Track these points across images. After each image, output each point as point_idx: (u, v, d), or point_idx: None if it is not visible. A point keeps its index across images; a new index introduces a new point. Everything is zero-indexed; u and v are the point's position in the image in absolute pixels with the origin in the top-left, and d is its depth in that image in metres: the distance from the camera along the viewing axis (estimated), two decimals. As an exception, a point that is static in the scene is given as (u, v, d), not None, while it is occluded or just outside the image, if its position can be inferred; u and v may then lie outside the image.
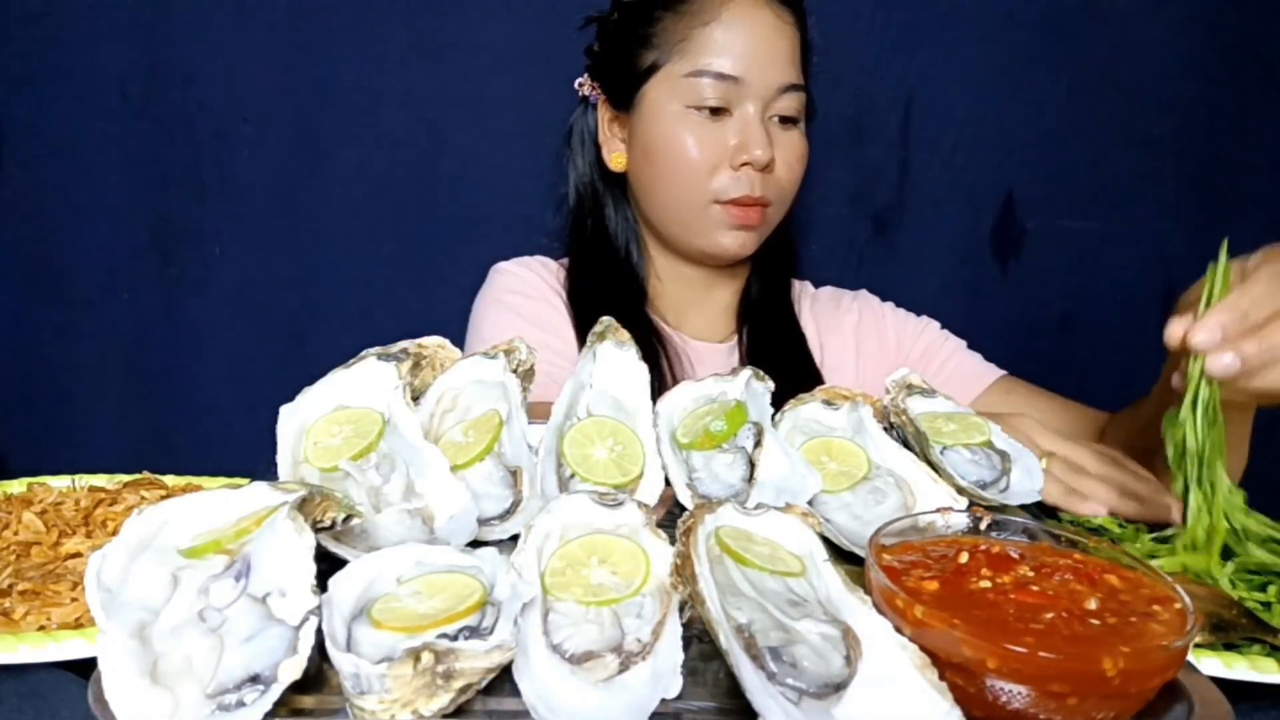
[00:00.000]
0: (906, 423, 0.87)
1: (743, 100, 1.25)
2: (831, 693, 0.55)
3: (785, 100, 1.27)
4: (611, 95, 1.35)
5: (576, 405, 0.86)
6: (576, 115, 1.43)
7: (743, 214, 1.28)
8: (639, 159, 1.33)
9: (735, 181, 1.26)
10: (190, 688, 0.52)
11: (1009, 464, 0.86)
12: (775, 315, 1.42)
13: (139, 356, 1.71)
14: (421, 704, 0.52)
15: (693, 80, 1.25)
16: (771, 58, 1.25)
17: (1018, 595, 0.59)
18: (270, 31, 1.63)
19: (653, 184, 1.32)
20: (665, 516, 0.77)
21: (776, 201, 1.31)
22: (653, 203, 1.34)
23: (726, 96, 1.24)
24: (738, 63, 1.24)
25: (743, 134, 1.25)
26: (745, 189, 1.26)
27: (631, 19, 1.31)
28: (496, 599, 0.58)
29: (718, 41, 1.24)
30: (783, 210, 1.35)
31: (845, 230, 1.75)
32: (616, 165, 1.37)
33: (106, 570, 0.56)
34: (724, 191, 1.27)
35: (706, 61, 1.24)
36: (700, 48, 1.25)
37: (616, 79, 1.33)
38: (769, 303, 1.43)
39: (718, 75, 1.24)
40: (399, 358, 0.83)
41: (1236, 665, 0.74)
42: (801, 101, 1.30)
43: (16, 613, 0.77)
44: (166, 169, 1.66)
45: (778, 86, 1.26)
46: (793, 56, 1.28)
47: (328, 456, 0.76)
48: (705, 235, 1.31)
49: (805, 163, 1.33)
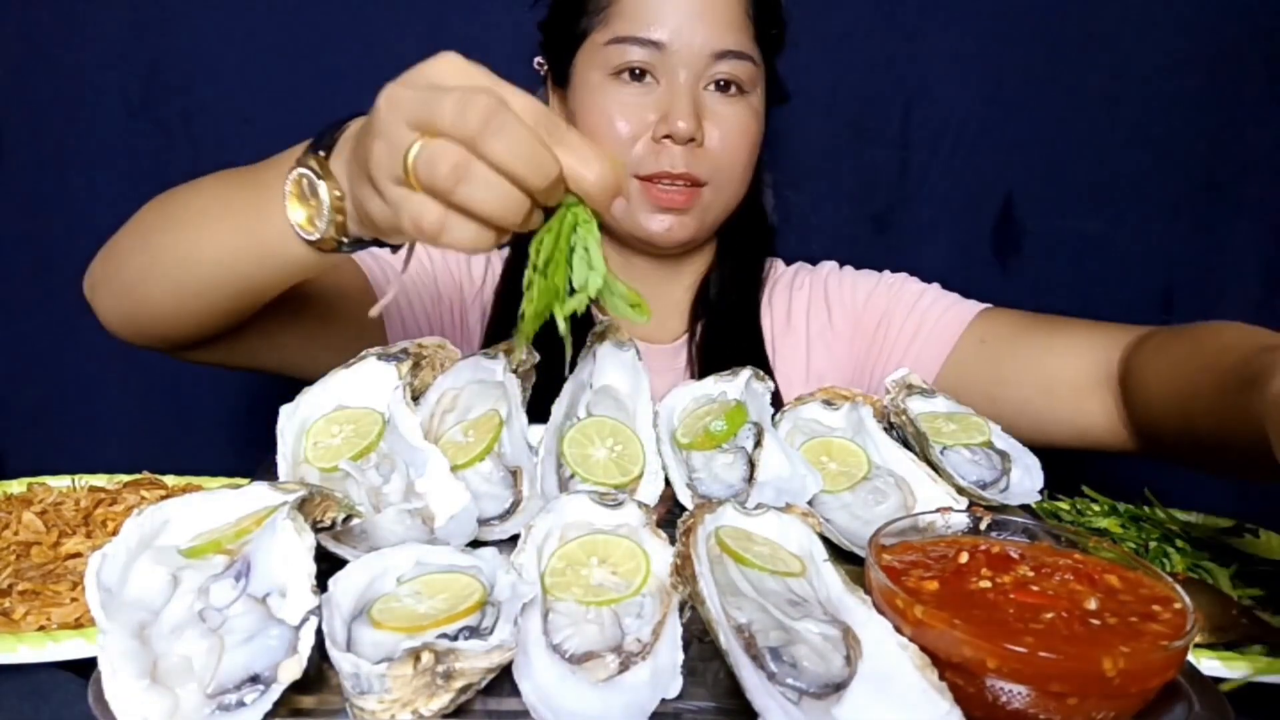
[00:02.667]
0: (906, 423, 0.87)
1: (671, 68, 1.13)
2: (831, 693, 0.55)
3: (722, 67, 1.14)
4: (554, 70, 1.25)
5: (576, 405, 0.86)
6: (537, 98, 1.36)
7: (665, 195, 1.15)
8: None
9: (655, 155, 1.14)
10: (190, 688, 0.52)
11: (1009, 464, 0.86)
12: (732, 313, 1.28)
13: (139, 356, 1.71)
14: (421, 704, 0.52)
15: (615, 47, 1.14)
16: (701, 21, 1.13)
17: (1018, 595, 0.59)
18: (270, 31, 1.63)
19: None
20: (665, 516, 0.77)
21: (713, 181, 1.17)
22: None
23: (650, 63, 1.13)
24: (661, 27, 1.12)
25: (665, 104, 1.13)
26: (665, 164, 1.13)
27: None
28: (496, 599, 0.58)
29: (640, 5, 1.13)
30: (727, 191, 1.20)
31: (845, 230, 1.75)
32: None
33: (106, 570, 0.56)
34: (641, 166, 1.14)
35: (628, 27, 1.13)
36: (622, 12, 1.14)
37: (556, 53, 1.24)
38: (727, 299, 1.29)
39: (638, 41, 1.12)
40: (399, 358, 0.83)
41: (1236, 665, 0.74)
42: (749, 72, 1.16)
43: (16, 613, 0.77)
44: (166, 169, 1.66)
45: (710, 52, 1.13)
46: (732, 21, 1.15)
47: (328, 456, 0.76)
48: (630, 219, 1.18)
49: (751, 138, 1.19)
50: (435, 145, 0.61)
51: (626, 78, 1.14)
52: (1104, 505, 1.09)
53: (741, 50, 1.15)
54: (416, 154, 0.61)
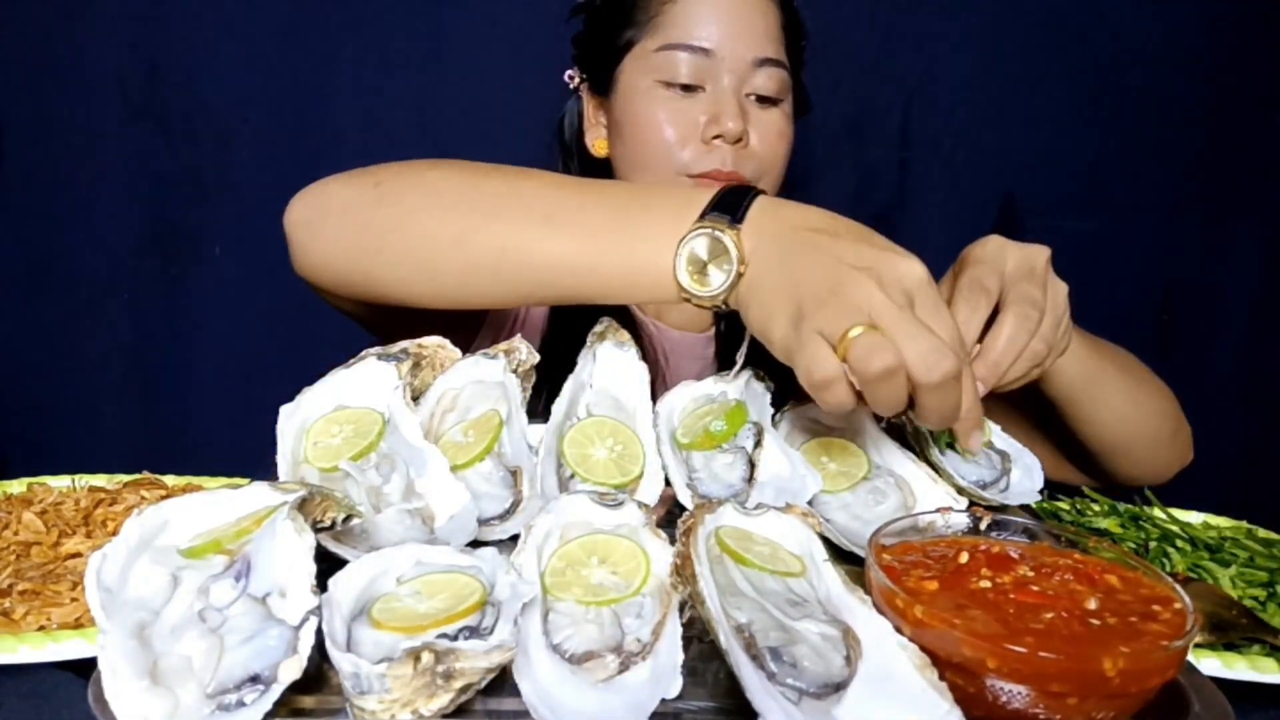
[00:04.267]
0: (906, 423, 0.87)
1: (716, 75, 1.20)
2: (831, 693, 0.55)
3: (762, 76, 1.21)
4: (593, 81, 1.32)
5: (576, 405, 0.86)
6: (566, 108, 1.40)
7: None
8: (615, 141, 1.30)
9: (706, 155, 1.20)
10: (190, 688, 0.52)
11: (1009, 464, 0.86)
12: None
13: (139, 357, 1.71)
14: (421, 704, 0.52)
15: (663, 55, 1.21)
16: (744, 30, 1.20)
17: (1018, 595, 0.59)
18: (270, 31, 1.63)
19: (627, 163, 1.28)
20: (665, 516, 0.77)
21: (754, 179, 1.24)
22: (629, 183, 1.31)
23: (698, 71, 1.20)
24: (708, 35, 1.19)
25: (714, 107, 1.20)
26: (716, 163, 1.20)
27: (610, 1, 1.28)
28: (496, 599, 0.58)
29: (688, 14, 1.20)
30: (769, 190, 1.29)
31: (845, 230, 1.75)
32: (599, 150, 1.33)
33: (106, 570, 0.56)
34: (693, 165, 1.21)
35: (677, 35, 1.20)
36: (671, 21, 1.21)
37: (597, 63, 1.30)
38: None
39: (687, 48, 1.19)
40: (399, 358, 0.83)
41: (1236, 665, 0.74)
42: (782, 80, 1.24)
43: (16, 613, 0.76)
44: (166, 169, 1.66)
45: (751, 60, 1.20)
46: (770, 32, 1.22)
47: (328, 456, 0.76)
48: None
49: (788, 143, 1.27)
50: (881, 342, 0.65)
51: (677, 89, 1.21)
52: (1104, 505, 1.09)
53: (779, 59, 1.23)
54: (859, 335, 0.66)
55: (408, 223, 0.92)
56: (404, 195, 0.93)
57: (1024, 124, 1.71)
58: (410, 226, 0.91)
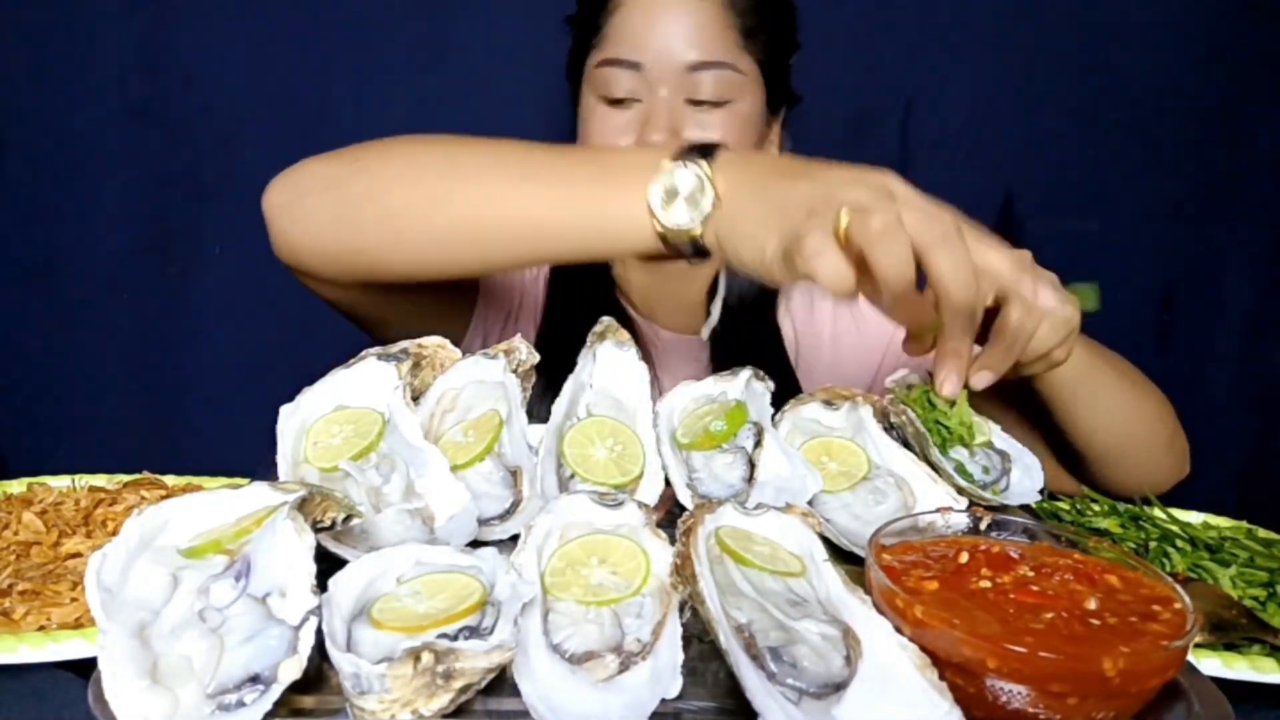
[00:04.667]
0: (906, 423, 0.87)
1: (651, 86, 1.18)
2: (831, 693, 0.55)
3: (700, 80, 1.18)
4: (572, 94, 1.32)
5: (576, 405, 0.86)
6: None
7: None
8: None
9: None
10: (190, 688, 0.52)
11: (1009, 464, 0.86)
12: (746, 311, 1.33)
13: (139, 356, 1.71)
14: (421, 704, 0.52)
15: (600, 71, 1.20)
16: (675, 38, 1.17)
17: (1018, 595, 0.59)
18: (270, 31, 1.64)
19: None
20: (665, 516, 0.77)
21: None
22: None
23: (632, 85, 1.18)
24: (637, 48, 1.17)
25: (643, 120, 1.18)
26: None
27: (577, 16, 1.28)
28: (496, 599, 0.58)
29: (620, 29, 1.19)
30: None
31: (845, 230, 1.75)
32: None
33: (106, 570, 0.56)
34: None
35: (611, 50, 1.19)
36: (607, 37, 1.20)
37: (571, 80, 1.31)
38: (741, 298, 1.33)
39: (618, 63, 1.18)
40: (399, 358, 0.83)
41: (1236, 665, 0.74)
42: (727, 81, 1.19)
43: (16, 613, 0.76)
44: (166, 169, 1.66)
45: (684, 65, 1.17)
46: (705, 35, 1.18)
47: (328, 456, 0.76)
48: None
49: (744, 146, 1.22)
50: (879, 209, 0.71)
51: (614, 103, 1.20)
52: (1104, 505, 1.09)
53: (720, 60, 1.19)
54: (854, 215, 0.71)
55: (385, 191, 0.93)
56: (382, 166, 0.95)
57: (1024, 124, 1.71)
58: (387, 195, 0.92)
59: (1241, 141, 1.71)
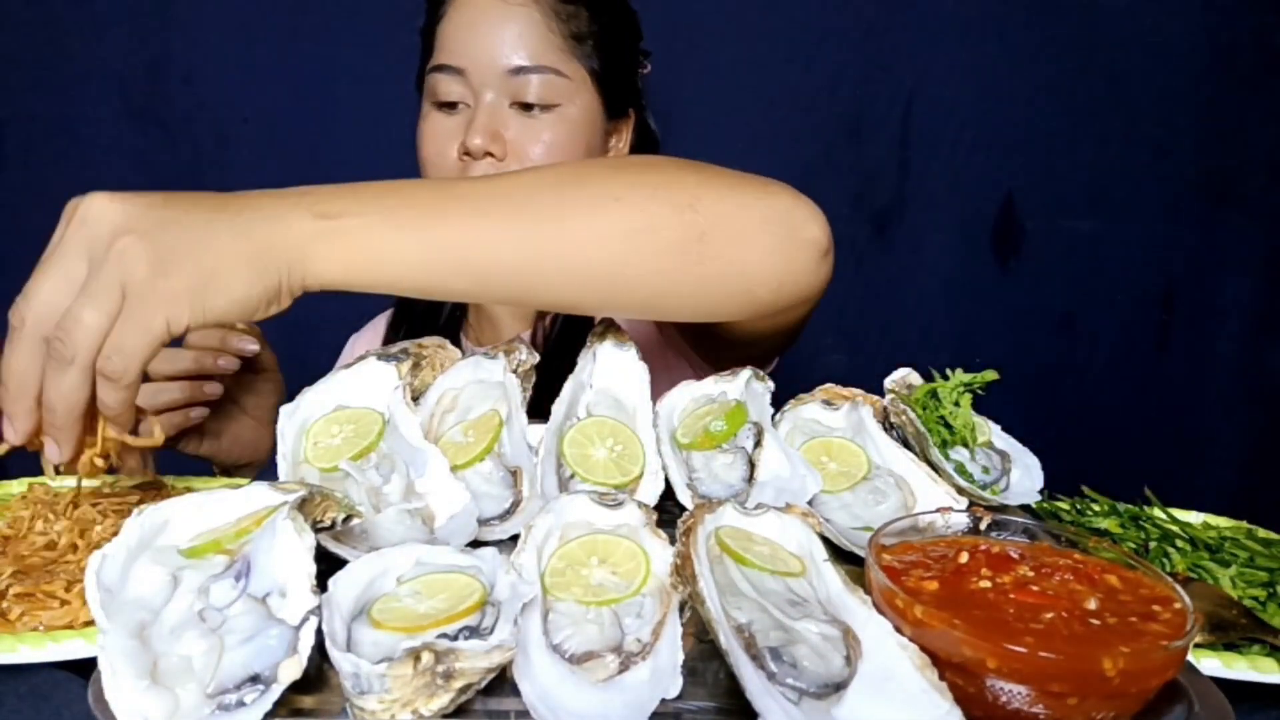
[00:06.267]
0: (906, 423, 0.87)
1: (476, 91, 1.20)
2: (831, 693, 0.55)
3: (521, 84, 1.20)
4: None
5: (576, 405, 0.86)
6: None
7: None
8: None
9: (463, 173, 1.21)
10: (190, 688, 0.52)
11: (1009, 464, 0.86)
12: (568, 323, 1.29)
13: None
14: (421, 704, 0.52)
15: (430, 78, 1.23)
16: (496, 42, 1.19)
17: (1018, 595, 0.59)
18: (270, 31, 1.64)
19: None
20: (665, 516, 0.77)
21: None
22: None
23: (456, 90, 1.21)
24: (459, 54, 1.20)
25: (465, 125, 1.21)
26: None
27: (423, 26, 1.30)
28: (496, 599, 0.58)
29: (445, 36, 1.22)
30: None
31: (845, 230, 1.75)
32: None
33: (106, 570, 0.56)
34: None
35: (438, 57, 1.22)
36: (436, 44, 1.23)
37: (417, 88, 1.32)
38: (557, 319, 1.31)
39: (443, 69, 1.21)
40: (399, 358, 0.83)
41: (1236, 665, 0.74)
42: (550, 84, 1.21)
43: (13, 613, 0.76)
44: (166, 169, 1.66)
45: (503, 70, 1.19)
46: (526, 37, 1.20)
47: (328, 456, 0.76)
48: None
49: (559, 150, 1.22)
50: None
51: (444, 108, 1.23)
52: (1104, 505, 1.09)
53: (540, 64, 1.20)
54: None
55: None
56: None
57: (1024, 124, 1.71)
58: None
59: (1241, 141, 1.71)
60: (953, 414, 0.86)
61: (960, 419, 0.86)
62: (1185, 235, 1.72)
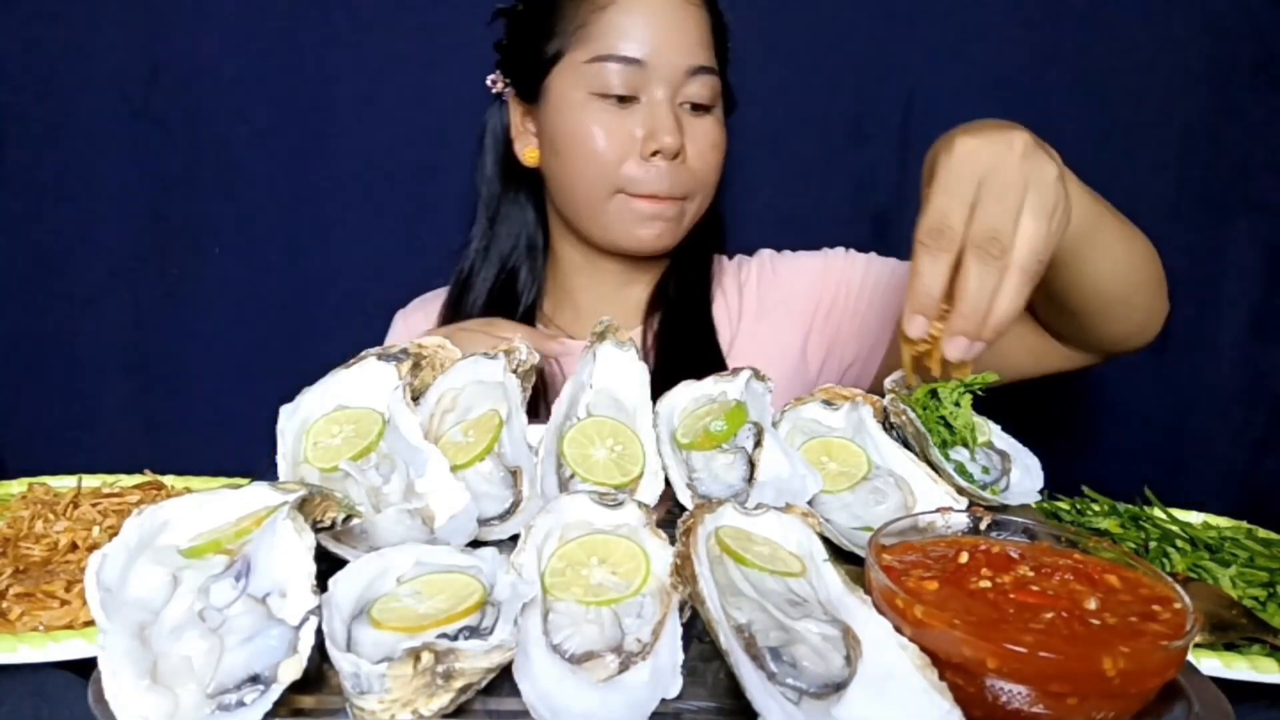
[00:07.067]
0: (906, 423, 0.87)
1: (649, 86, 1.20)
2: (831, 693, 0.55)
3: (695, 84, 1.21)
4: (520, 88, 1.31)
5: (576, 405, 0.86)
6: (489, 113, 1.39)
7: (655, 206, 1.23)
8: (548, 151, 1.29)
9: (645, 173, 1.21)
10: (190, 688, 0.52)
11: (1009, 464, 0.86)
12: (687, 307, 1.34)
13: (139, 357, 1.71)
14: (421, 704, 0.52)
15: (595, 66, 1.19)
16: (676, 39, 1.20)
17: (1018, 595, 0.59)
18: (270, 32, 1.63)
19: (562, 177, 1.28)
20: (665, 516, 0.77)
21: (691, 194, 1.26)
22: (563, 196, 1.30)
23: (632, 82, 1.19)
24: (640, 45, 1.19)
25: (650, 121, 1.20)
26: (655, 183, 1.21)
27: (533, 8, 1.27)
28: (496, 599, 0.58)
29: (617, 25, 1.19)
30: (703, 202, 1.30)
31: (845, 230, 1.74)
32: (529, 160, 1.33)
33: (106, 570, 0.56)
34: (633, 183, 1.22)
35: (608, 46, 1.19)
36: (600, 33, 1.20)
37: (524, 71, 1.29)
38: (684, 295, 1.35)
39: (620, 59, 1.19)
40: (399, 358, 0.83)
41: (1236, 665, 0.74)
42: (714, 87, 1.24)
43: (13, 613, 0.76)
44: (166, 169, 1.66)
45: (685, 69, 1.20)
46: (701, 38, 1.22)
47: (328, 456, 0.76)
48: (618, 227, 1.26)
49: (721, 152, 1.28)
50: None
51: (613, 100, 1.20)
52: (1104, 505, 1.09)
53: (711, 66, 1.23)
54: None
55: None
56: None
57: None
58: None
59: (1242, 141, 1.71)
60: (953, 414, 0.86)
61: (960, 419, 0.86)
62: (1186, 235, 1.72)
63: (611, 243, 1.28)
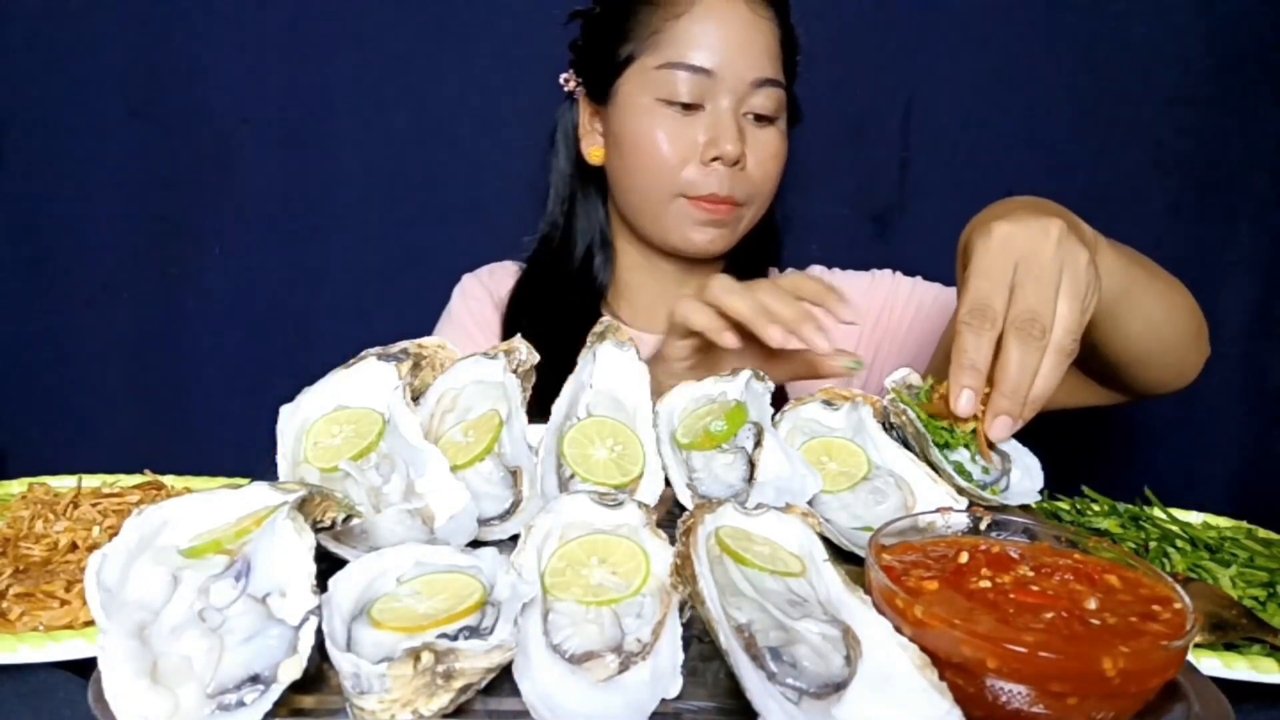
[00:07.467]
0: (906, 423, 0.87)
1: (715, 95, 1.24)
2: (831, 693, 0.55)
3: (760, 96, 1.25)
4: (591, 89, 1.35)
5: (576, 405, 0.86)
6: (561, 111, 1.43)
7: (712, 210, 1.28)
8: (613, 152, 1.33)
9: (704, 177, 1.25)
10: (190, 688, 0.52)
11: (1009, 464, 0.86)
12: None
13: (139, 356, 1.71)
14: (421, 704, 0.52)
15: (664, 73, 1.24)
16: (745, 51, 1.24)
17: (1018, 595, 0.59)
18: (270, 31, 1.63)
19: (624, 177, 1.32)
20: (665, 516, 0.77)
21: (748, 200, 1.30)
22: (624, 196, 1.35)
23: (698, 90, 1.23)
24: (709, 55, 1.22)
25: (713, 128, 1.24)
26: (714, 186, 1.25)
27: (609, 12, 1.31)
28: (496, 599, 0.58)
29: (689, 34, 1.23)
30: (759, 209, 1.34)
31: (845, 230, 1.75)
32: (594, 159, 1.37)
33: (106, 570, 0.56)
34: (692, 186, 1.26)
35: (678, 54, 1.23)
36: (672, 40, 1.24)
37: (595, 72, 1.33)
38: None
39: (689, 68, 1.23)
40: (399, 358, 0.83)
41: (1236, 665, 0.74)
42: (779, 99, 1.28)
43: (13, 614, 0.76)
44: (166, 169, 1.66)
45: (751, 80, 1.24)
46: (769, 51, 1.26)
47: (328, 456, 0.76)
48: (676, 230, 1.31)
49: (781, 162, 1.32)
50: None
51: (678, 107, 1.24)
52: (1104, 505, 1.09)
53: (776, 78, 1.27)
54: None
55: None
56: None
57: (1024, 124, 1.71)
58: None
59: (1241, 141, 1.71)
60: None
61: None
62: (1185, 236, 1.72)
63: (668, 244, 1.33)
